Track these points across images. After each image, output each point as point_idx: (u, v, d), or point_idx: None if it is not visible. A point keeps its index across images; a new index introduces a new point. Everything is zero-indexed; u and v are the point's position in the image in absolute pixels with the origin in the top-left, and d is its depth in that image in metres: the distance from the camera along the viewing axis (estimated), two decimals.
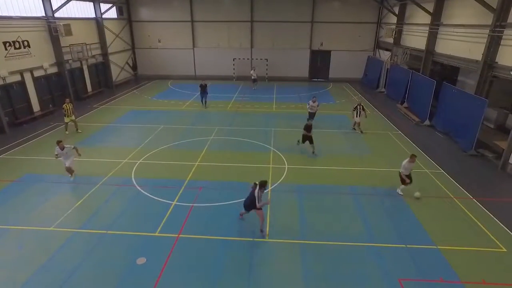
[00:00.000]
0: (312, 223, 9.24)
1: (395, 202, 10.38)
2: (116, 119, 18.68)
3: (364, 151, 14.42)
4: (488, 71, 13.76)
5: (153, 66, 31.15)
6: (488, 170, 12.73)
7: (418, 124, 18.17)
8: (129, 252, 7.97)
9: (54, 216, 9.35)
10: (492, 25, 13.09)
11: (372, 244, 8.38)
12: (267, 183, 8.78)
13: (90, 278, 7.20)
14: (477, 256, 8.03)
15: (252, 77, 26.17)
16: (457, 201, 10.43)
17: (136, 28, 30.34)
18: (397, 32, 24.30)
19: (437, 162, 13.22)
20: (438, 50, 18.85)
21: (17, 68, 17.25)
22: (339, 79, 30.50)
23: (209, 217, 9.48)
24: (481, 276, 7.35)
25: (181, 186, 11.15)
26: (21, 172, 11.99)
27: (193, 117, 19.09)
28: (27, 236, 8.58)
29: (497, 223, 9.31)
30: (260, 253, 8.05)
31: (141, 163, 12.95)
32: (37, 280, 7.11)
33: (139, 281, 7.11)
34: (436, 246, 8.32)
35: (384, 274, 7.39)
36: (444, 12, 18.25)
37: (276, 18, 29.01)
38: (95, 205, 10.01)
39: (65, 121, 15.95)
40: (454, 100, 15.70)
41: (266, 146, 14.76)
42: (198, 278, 7.22)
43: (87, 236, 8.60)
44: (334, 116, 19.70)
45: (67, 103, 15.71)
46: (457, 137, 15.23)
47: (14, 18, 17.06)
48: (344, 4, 28.51)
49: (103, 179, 11.56)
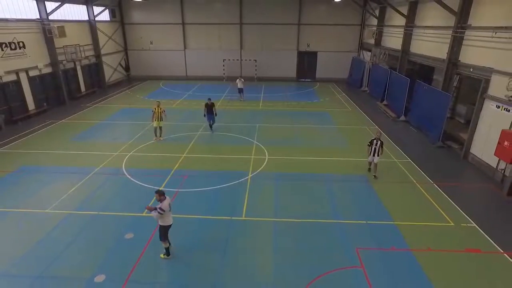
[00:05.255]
0: (285, 204, 10.24)
1: (363, 187, 11.43)
2: (108, 116, 19.55)
3: (341, 144, 15.50)
4: (453, 68, 14.93)
5: (145, 67, 32.05)
6: (451, 159, 13.88)
7: (395, 119, 19.33)
8: (118, 229, 8.88)
9: (50, 200, 10.24)
10: (455, 26, 14.28)
11: (336, 221, 9.40)
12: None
13: (83, 250, 8.11)
14: (427, 229, 9.10)
15: (238, 87, 22.97)
16: (418, 186, 11.52)
17: (128, 30, 31.23)
18: (378, 33, 25.55)
19: (406, 153, 14.33)
20: (413, 50, 20.09)
21: (13, 68, 18.06)
22: (326, 79, 31.67)
23: (192, 200, 10.43)
24: (428, 245, 8.40)
25: (168, 175, 12.09)
26: (17, 165, 12.80)
27: (182, 115, 20.01)
28: (25, 217, 9.43)
29: (451, 203, 10.40)
30: (236, 230, 9.01)
31: (131, 155, 13.85)
32: (34, 254, 7.98)
33: (127, 252, 8.03)
34: (393, 222, 9.37)
35: (343, 245, 8.40)
36: (418, 15, 19.49)
37: (264, 21, 30.13)
38: (88, 191, 10.90)
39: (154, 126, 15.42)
40: (424, 96, 16.88)
41: (250, 140, 15.74)
42: (179, 250, 8.15)
43: (80, 216, 9.48)
44: (317, 113, 20.78)
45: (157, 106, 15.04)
46: (427, 131, 16.39)
47: (10, 20, 17.89)
48: (330, 7, 29.71)
49: (95, 169, 12.44)
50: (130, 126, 17.77)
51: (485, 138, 12.53)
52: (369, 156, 11.90)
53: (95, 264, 7.63)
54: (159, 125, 15.34)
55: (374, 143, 11.66)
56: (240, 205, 10.11)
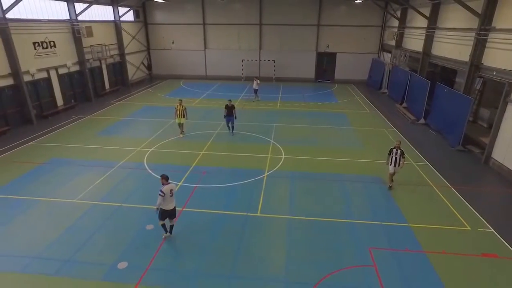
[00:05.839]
0: (300, 203, 10.45)
1: (378, 188, 11.47)
2: (131, 113, 20.32)
3: (357, 145, 15.52)
4: (475, 71, 14.66)
5: (167, 66, 32.92)
6: (471, 163, 13.65)
7: (414, 122, 19.09)
8: (140, 220, 9.37)
9: (77, 191, 10.88)
10: (478, 28, 14.03)
11: (349, 221, 9.53)
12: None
13: (107, 238, 8.64)
14: (443, 232, 9.08)
15: (254, 88, 23.35)
16: (435, 189, 11.45)
17: (151, 30, 32.18)
18: (399, 35, 25.23)
19: (424, 156, 14.20)
20: (434, 52, 19.76)
21: (44, 66, 19.12)
22: (344, 81, 31.51)
23: (209, 196, 10.81)
24: (443, 248, 8.41)
25: (187, 170, 12.54)
26: (48, 157, 13.62)
27: (202, 113, 20.52)
28: (55, 206, 10.09)
29: (468, 207, 10.30)
30: (251, 225, 9.30)
31: (152, 151, 14.42)
32: (64, 239, 8.56)
33: (148, 242, 8.49)
34: (408, 224, 9.40)
35: (356, 244, 8.53)
36: (440, 16, 19.17)
37: (284, 21, 30.29)
38: (112, 183, 11.50)
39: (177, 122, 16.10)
40: (445, 99, 16.62)
41: (267, 139, 16.01)
42: (196, 242, 8.54)
43: (105, 207, 10.05)
44: (334, 114, 20.81)
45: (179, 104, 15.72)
46: (447, 134, 16.13)
47: (43, 21, 18.93)
48: (350, 8, 29.54)
49: (119, 163, 13.06)
50: (151, 123, 18.42)
51: (508, 143, 12.27)
52: (390, 166, 11.16)
53: (118, 251, 8.11)
54: (180, 122, 15.97)
55: (394, 152, 11.05)
56: (255, 202, 10.40)
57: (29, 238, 8.60)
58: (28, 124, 17.61)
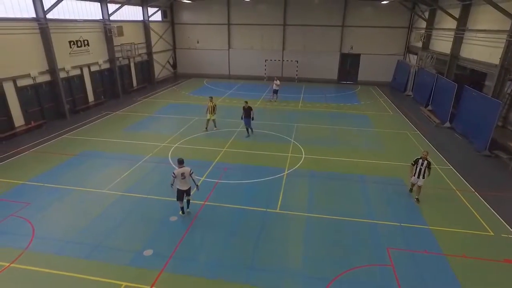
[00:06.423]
0: (319, 201, 10.59)
1: (398, 190, 11.41)
2: (157, 110, 21.08)
3: (378, 147, 15.41)
4: (506, 74, 14.20)
5: (191, 65, 33.73)
6: (497, 169, 13.25)
7: (439, 125, 18.66)
8: (164, 212, 9.84)
9: (106, 182, 11.53)
10: (510, 30, 13.59)
11: (368, 221, 9.58)
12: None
13: (133, 227, 9.16)
14: (464, 236, 8.97)
15: (274, 88, 23.41)
16: (458, 193, 11.25)
17: (177, 30, 33.08)
18: (426, 36, 24.65)
19: (448, 160, 13.92)
20: (463, 54, 19.21)
21: (78, 63, 20.21)
22: (368, 82, 31.09)
23: (230, 191, 11.16)
24: (464, 251, 8.32)
25: (210, 166, 12.96)
26: (80, 149, 14.45)
27: (224, 111, 20.93)
28: (86, 195, 10.76)
29: (492, 213, 10.08)
30: (270, 221, 9.55)
31: (176, 147, 14.96)
32: (94, 226, 9.16)
33: (172, 232, 8.93)
34: (428, 227, 9.34)
35: (374, 243, 8.59)
36: (470, 18, 18.62)
37: (308, 22, 30.30)
38: (139, 176, 12.09)
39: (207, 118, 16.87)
40: (472, 102, 16.17)
41: (288, 139, 16.20)
42: (215, 234, 8.89)
43: (131, 198, 10.61)
44: (356, 115, 20.68)
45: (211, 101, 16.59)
46: (473, 138, 15.70)
47: (78, 21, 20.01)
48: (376, 9, 29.13)
49: (145, 157, 13.68)
50: (176, 120, 19.05)
51: None
52: (412, 177, 10.52)
53: (144, 239, 8.59)
54: (211, 118, 16.81)
55: (420, 163, 10.25)
56: (275, 199, 10.64)
57: (63, 224, 9.26)
58: (62, 118, 18.70)
